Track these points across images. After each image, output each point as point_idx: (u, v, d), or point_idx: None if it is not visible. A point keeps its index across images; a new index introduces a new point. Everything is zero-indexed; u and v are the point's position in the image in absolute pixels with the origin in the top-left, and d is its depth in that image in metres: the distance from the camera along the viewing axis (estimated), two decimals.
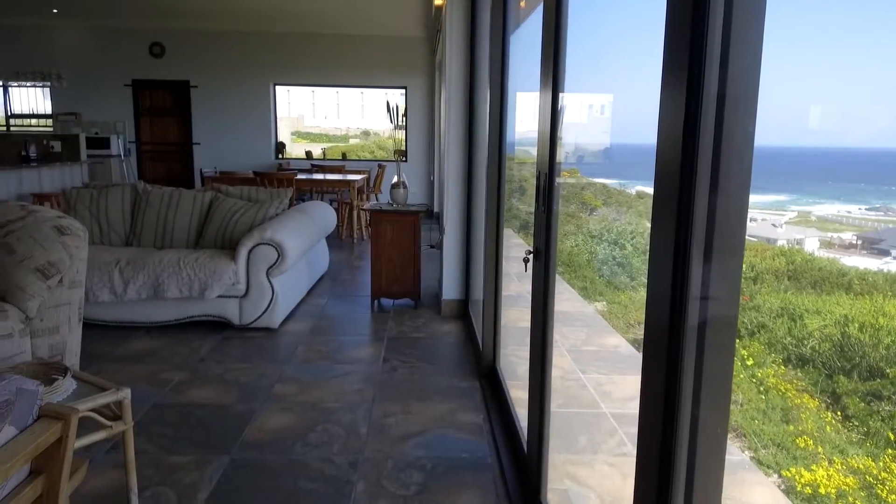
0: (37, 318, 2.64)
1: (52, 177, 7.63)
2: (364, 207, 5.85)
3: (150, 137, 10.71)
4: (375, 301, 5.06)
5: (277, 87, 10.85)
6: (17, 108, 10.81)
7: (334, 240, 7.99)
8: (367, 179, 9.15)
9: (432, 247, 6.47)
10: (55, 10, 9.23)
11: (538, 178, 2.13)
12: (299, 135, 11.77)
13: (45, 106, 10.68)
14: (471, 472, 2.57)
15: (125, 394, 2.18)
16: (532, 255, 2.19)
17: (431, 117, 10.60)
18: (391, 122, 5.22)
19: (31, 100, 10.82)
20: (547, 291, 2.04)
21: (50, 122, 10.58)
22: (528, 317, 4.46)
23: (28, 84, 10.57)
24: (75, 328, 2.82)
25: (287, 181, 7.70)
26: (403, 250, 4.93)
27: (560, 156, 2.08)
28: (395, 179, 5.10)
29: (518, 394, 3.20)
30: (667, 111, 0.97)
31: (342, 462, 2.61)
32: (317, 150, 11.89)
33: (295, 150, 11.40)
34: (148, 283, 4.15)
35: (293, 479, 2.48)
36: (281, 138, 11.12)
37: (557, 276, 2.37)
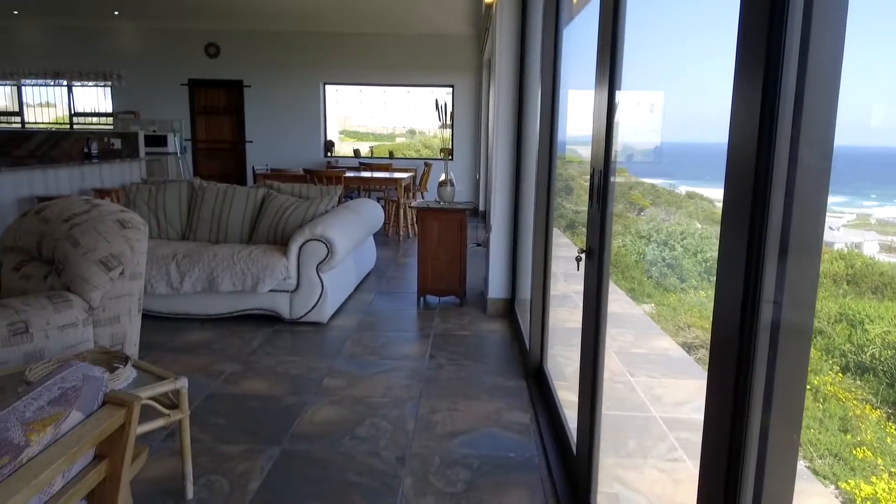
0: (99, 308, 2.74)
1: (112, 173, 7.93)
2: (411, 205, 5.88)
3: (205, 135, 11.02)
4: (421, 298, 5.09)
5: (327, 87, 11.01)
6: (80, 107, 11.28)
7: (380, 237, 8.06)
8: (414, 177, 9.20)
9: (478, 245, 6.46)
10: (116, 12, 9.58)
11: (592, 176, 2.09)
12: (346, 134, 11.93)
13: (106, 105, 11.11)
14: (518, 472, 2.55)
15: (182, 383, 2.25)
16: (584, 254, 2.16)
17: (478, 116, 10.58)
18: (439, 119, 5.23)
19: (93, 99, 11.27)
20: (600, 292, 2.01)
21: (110, 120, 11.01)
22: (575, 317, 4.40)
23: (90, 84, 11.01)
24: (135, 318, 2.92)
25: (336, 179, 7.81)
26: (450, 248, 4.94)
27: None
28: (442, 177, 5.11)
29: (565, 395, 3.17)
30: (740, 109, 0.93)
31: (389, 457, 2.63)
32: (364, 149, 12.01)
33: (342, 148, 11.55)
34: (203, 277, 4.27)
35: (341, 471, 2.51)
36: (329, 137, 11.29)
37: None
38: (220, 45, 10.62)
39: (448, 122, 5.16)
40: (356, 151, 11.65)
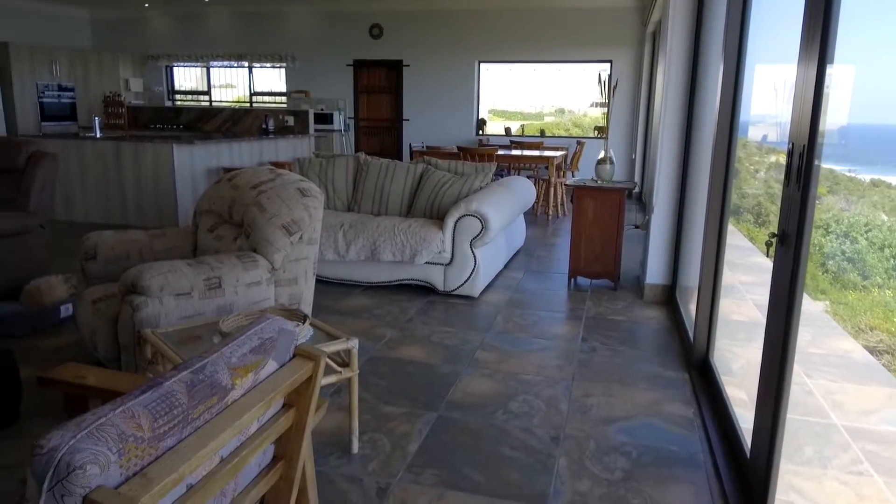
0: (280, 269, 2.98)
1: (285, 147, 8.60)
2: (567, 183, 5.76)
3: (366, 114, 11.57)
4: (572, 279, 4.98)
5: (482, 65, 11.05)
6: (258, 87, 12.32)
7: (528, 216, 8.00)
8: (565, 156, 9.00)
9: (637, 227, 6.19)
10: None
11: (790, 154, 1.88)
12: (494, 112, 11.92)
13: (281, 85, 12.03)
14: (681, 467, 2.42)
15: (353, 344, 2.38)
16: (776, 238, 1.96)
17: (636, 92, 10.08)
18: (601, 94, 5.03)
19: (269, 79, 12.25)
20: (794, 283, 1.81)
21: (284, 99, 11.91)
22: (741, 309, 4.07)
23: (268, 65, 11.97)
24: (310, 281, 3.14)
25: (488, 156, 7.85)
26: (605, 229, 4.77)
27: (775, 135, 1.82)
28: (601, 155, 4.93)
29: (733, 391, 2.95)
30: None
31: (543, 435, 2.61)
32: (514, 128, 11.96)
33: (491, 126, 11.58)
34: (366, 246, 4.49)
35: (496, 443, 2.53)
36: (481, 115, 11.37)
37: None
38: (383, 27, 11.04)
39: (612, 96, 4.95)
40: (507, 130, 11.62)
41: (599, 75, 5.15)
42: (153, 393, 1.09)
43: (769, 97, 3.26)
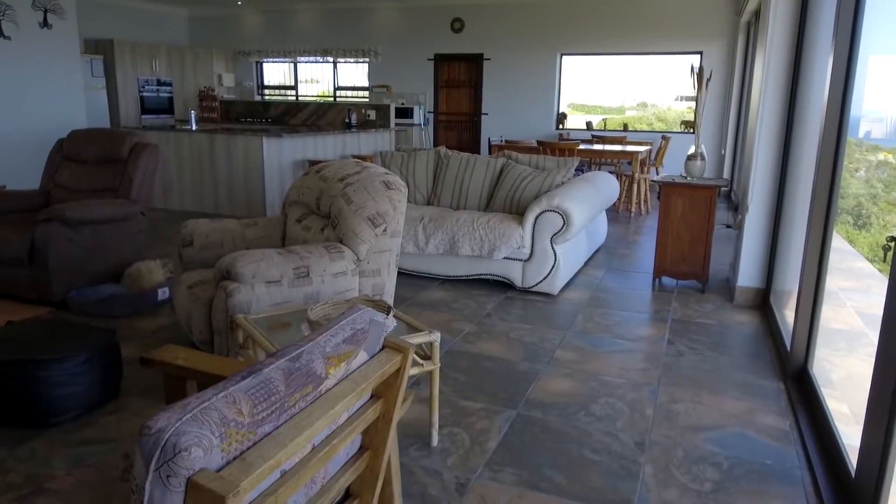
0: (365, 260, 3.02)
1: (367, 141, 8.75)
2: (654, 179, 5.56)
3: (446, 108, 11.61)
4: (657, 279, 4.80)
5: (564, 58, 10.85)
6: (342, 82, 12.60)
7: (611, 212, 7.79)
8: (650, 151, 8.70)
9: (728, 226, 5.90)
10: None
11: None
12: (573, 106, 11.68)
13: (363, 79, 12.25)
14: (776, 482, 2.28)
15: (436, 337, 2.37)
16: (895, 242, 1.80)
17: (728, 86, 9.61)
18: (694, 87, 4.81)
19: (352, 74, 12.50)
20: None
21: (366, 93, 12.12)
22: (840, 317, 3.79)
23: (352, 60, 12.21)
24: (392, 273, 3.17)
25: (569, 151, 7.69)
26: (694, 228, 4.56)
27: (881, 131, 1.64)
28: (691, 150, 4.72)
29: (833, 404, 2.75)
30: None
31: (627, 440, 2.52)
32: (594, 122, 11.68)
33: (571, 121, 11.35)
34: (445, 240, 4.50)
35: (577, 445, 2.47)
36: (561, 109, 11.17)
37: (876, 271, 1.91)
38: (464, 21, 11.03)
39: (705, 89, 4.72)
40: (588, 124, 11.37)
41: (692, 66, 4.93)
42: (253, 379, 1.11)
43: (874, 90, 3.01)
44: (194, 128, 7.79)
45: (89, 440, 2.46)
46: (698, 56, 9.89)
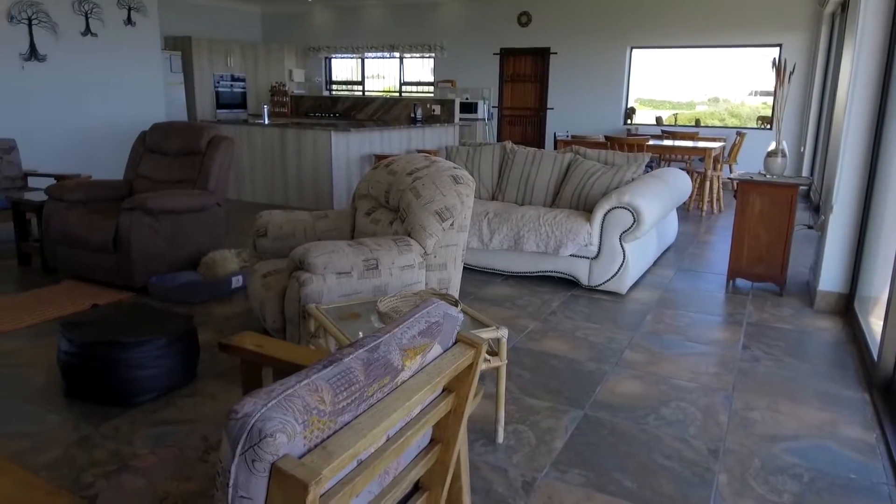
0: (432, 254, 3.03)
1: (431, 136, 8.79)
2: (731, 176, 5.34)
3: (510, 102, 11.52)
4: (731, 281, 4.61)
5: (634, 51, 10.57)
6: (407, 77, 12.70)
7: (680, 211, 7.55)
8: (723, 148, 8.38)
9: (810, 227, 5.61)
10: None
11: None
12: (640, 101, 11.35)
13: (428, 74, 12.31)
14: (861, 497, 2.15)
15: (503, 333, 2.35)
16: None
17: (809, 80, 9.13)
18: (777, 80, 4.59)
19: (417, 69, 12.58)
20: None
21: (430, 88, 12.17)
22: None
23: (417, 55, 12.29)
24: (458, 267, 3.17)
25: (638, 146, 7.50)
26: (773, 228, 4.36)
27: None
28: (771, 147, 4.51)
29: None
30: None
31: (700, 447, 2.44)
32: (663, 117, 11.33)
33: (639, 116, 11.05)
34: (510, 236, 4.46)
35: (647, 450, 2.40)
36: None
37: None
38: (531, 14, 10.90)
39: (787, 83, 4.51)
40: (658, 119, 11.05)
41: (774, 60, 4.71)
42: (334, 368, 1.13)
43: None
44: (267, 122, 8.02)
45: (168, 420, 2.57)
46: (777, 49, 9.44)
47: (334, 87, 13.50)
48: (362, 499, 1.27)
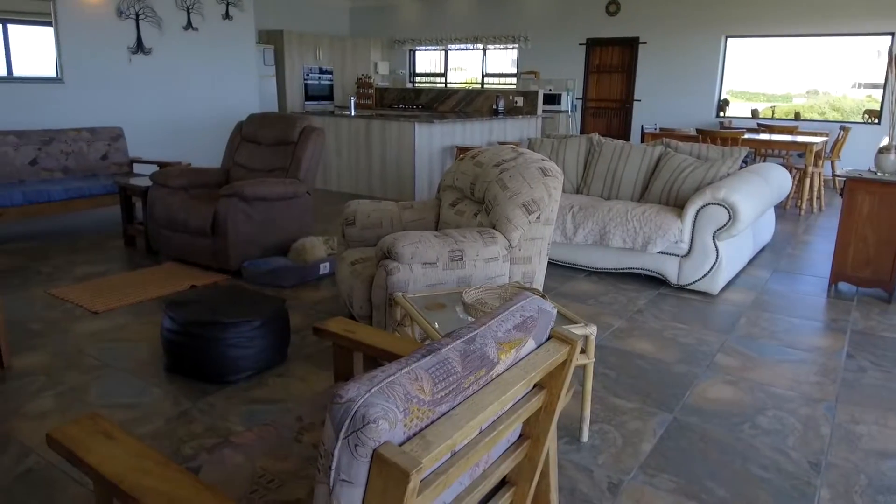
0: (516, 247, 2.99)
1: (513, 127, 8.71)
2: (839, 174, 5.00)
3: (595, 94, 11.25)
4: (833, 285, 4.32)
5: (730, 41, 10.06)
6: (490, 69, 12.64)
7: (777, 209, 7.15)
8: (825, 143, 7.85)
9: None
10: None
11: None
12: (733, 93, 10.79)
13: (511, 66, 12.19)
14: None
15: (592, 330, 2.30)
16: None
17: None
18: (890, 70, 4.24)
19: (500, 60, 12.49)
20: None
21: (513, 80, 12.06)
22: None
23: (500, 46, 12.20)
24: (543, 261, 3.12)
25: (732, 140, 7.14)
26: (884, 230, 4.04)
27: None
28: (883, 142, 4.18)
29: None
30: None
31: (800, 459, 2.29)
32: (759, 109, 10.73)
33: (732, 108, 10.51)
34: (595, 230, 4.36)
35: (742, 459, 2.29)
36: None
37: None
38: (620, 3, 10.58)
39: None
40: (754, 112, 10.48)
41: (890, 50, 4.35)
42: (432, 358, 1.13)
43: None
44: (353, 114, 8.20)
45: (260, 399, 2.67)
46: (889, 38, 8.72)
47: (417, 79, 13.62)
48: (453, 490, 1.27)
